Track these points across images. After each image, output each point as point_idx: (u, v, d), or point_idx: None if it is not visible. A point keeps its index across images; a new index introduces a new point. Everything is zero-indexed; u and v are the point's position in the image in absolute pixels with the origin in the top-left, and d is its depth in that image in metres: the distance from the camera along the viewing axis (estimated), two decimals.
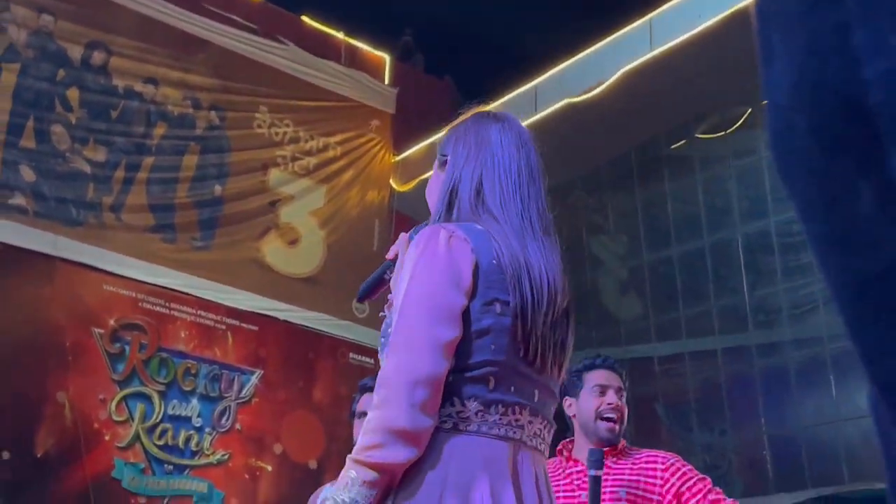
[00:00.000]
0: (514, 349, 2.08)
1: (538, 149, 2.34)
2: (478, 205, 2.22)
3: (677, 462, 3.73)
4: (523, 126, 2.42)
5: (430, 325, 1.99)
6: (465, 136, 2.35)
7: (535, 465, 2.11)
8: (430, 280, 2.04)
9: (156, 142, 10.18)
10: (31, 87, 9.52)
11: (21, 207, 9.25)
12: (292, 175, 11.01)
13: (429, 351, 1.97)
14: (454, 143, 2.35)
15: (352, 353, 10.79)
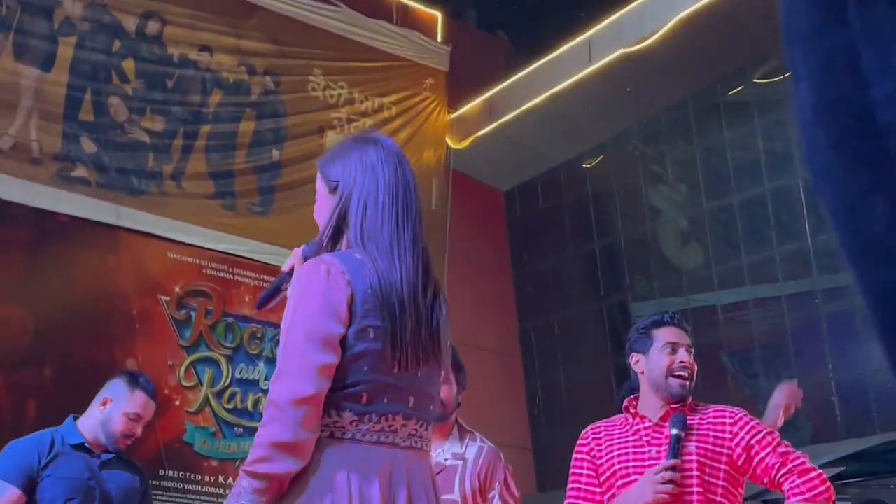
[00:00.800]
0: (387, 367, 2.35)
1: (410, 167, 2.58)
2: (362, 229, 2.43)
3: (745, 416, 3.70)
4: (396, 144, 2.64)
5: (311, 352, 2.25)
6: (350, 160, 2.51)
7: (409, 462, 2.38)
8: (310, 312, 2.29)
9: (212, 109, 10.23)
10: (88, 60, 9.59)
11: (84, 179, 9.36)
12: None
13: (309, 375, 2.23)
14: (342, 169, 2.51)
15: None
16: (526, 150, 11.53)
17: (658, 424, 3.69)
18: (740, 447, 3.61)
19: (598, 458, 3.78)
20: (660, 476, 3.59)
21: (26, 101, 9.21)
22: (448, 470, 3.98)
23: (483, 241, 11.84)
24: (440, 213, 11.37)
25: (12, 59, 9.20)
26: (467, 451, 4.03)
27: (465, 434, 4.10)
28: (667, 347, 3.73)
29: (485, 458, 4.03)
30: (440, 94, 11.71)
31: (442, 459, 4.00)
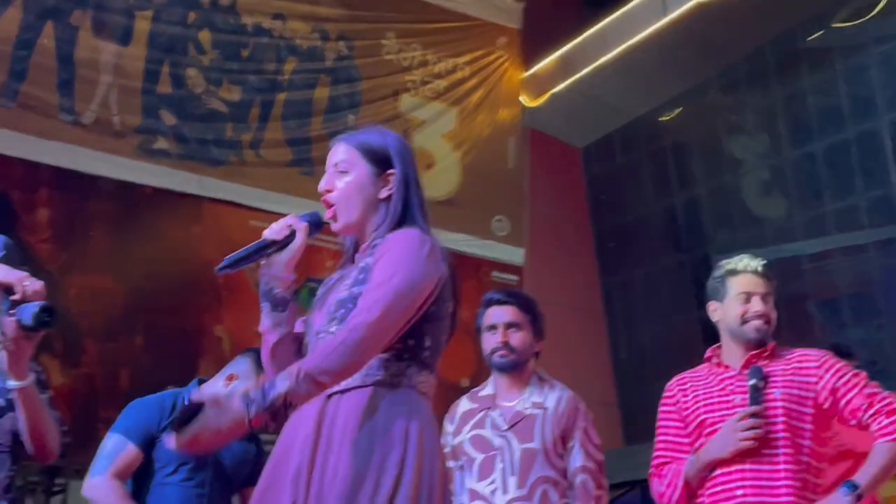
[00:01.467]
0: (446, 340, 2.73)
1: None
2: (422, 209, 2.77)
3: (831, 359, 3.67)
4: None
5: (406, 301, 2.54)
6: (394, 143, 2.83)
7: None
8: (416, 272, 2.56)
9: (287, 77, 10.30)
10: (164, 33, 9.71)
11: (165, 151, 9.50)
12: (423, 99, 11.04)
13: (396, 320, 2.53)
14: (392, 151, 2.80)
15: (494, 271, 10.85)
16: (602, 105, 11.44)
17: (741, 373, 3.68)
18: (826, 390, 3.58)
19: (685, 409, 3.78)
20: (742, 424, 3.57)
21: (106, 76, 9.36)
22: (528, 419, 4.00)
23: (562, 198, 11.80)
24: (518, 172, 11.35)
25: (91, 35, 9.35)
26: (547, 400, 4.04)
27: (545, 383, 4.11)
28: (741, 297, 3.71)
29: (565, 405, 4.04)
30: (514, 52, 11.65)
31: (522, 408, 4.03)
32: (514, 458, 3.97)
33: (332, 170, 2.79)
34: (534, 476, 3.95)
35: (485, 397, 4.15)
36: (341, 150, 2.80)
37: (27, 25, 9.07)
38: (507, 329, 4.05)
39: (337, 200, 2.77)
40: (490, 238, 10.91)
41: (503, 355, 4.04)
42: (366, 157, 2.77)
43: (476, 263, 10.83)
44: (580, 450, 4.00)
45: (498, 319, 4.08)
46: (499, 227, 10.99)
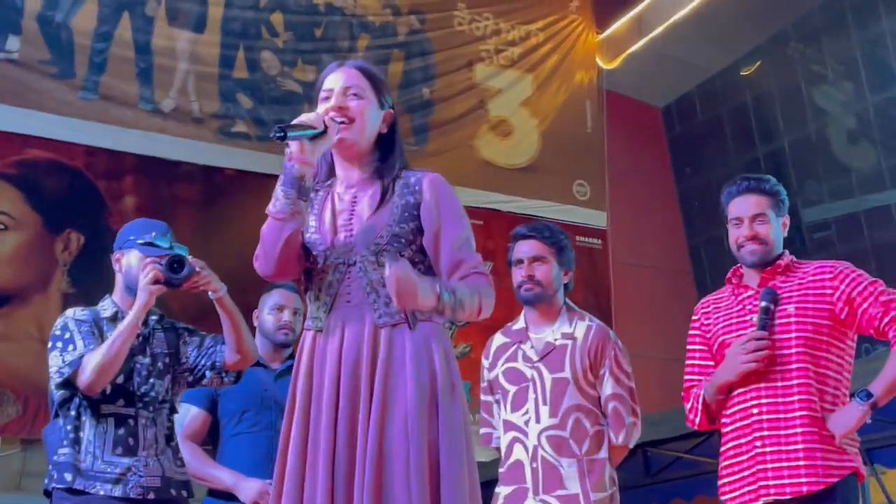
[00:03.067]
0: None
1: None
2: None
3: (846, 269, 3.61)
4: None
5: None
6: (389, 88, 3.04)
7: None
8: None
9: (360, 53, 10.38)
10: (237, 18, 9.86)
11: (244, 134, 9.66)
12: (498, 68, 11.02)
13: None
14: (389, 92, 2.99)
15: (578, 235, 10.79)
16: (679, 63, 11.30)
17: (758, 292, 3.64)
18: (842, 301, 3.52)
19: (708, 332, 3.77)
20: (746, 346, 3.55)
21: (182, 63, 9.55)
22: (558, 349, 4.04)
23: (643, 159, 11.70)
24: (596, 135, 11.28)
25: (166, 25, 9.56)
26: (576, 331, 4.07)
27: (574, 314, 4.14)
28: (732, 222, 3.69)
29: (594, 336, 4.06)
30: (587, 14, 11.55)
31: (552, 339, 4.06)
32: (546, 388, 4.02)
33: (345, 91, 2.88)
34: (565, 405, 3.99)
35: (517, 331, 4.20)
36: (354, 74, 2.90)
37: (104, 18, 9.30)
38: (531, 263, 4.10)
39: (355, 116, 2.85)
40: (572, 203, 10.87)
41: (529, 289, 4.09)
42: (374, 90, 2.91)
43: None
44: (610, 378, 4.03)
45: (523, 254, 4.12)
46: (580, 192, 10.94)
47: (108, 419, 3.70)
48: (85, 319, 3.79)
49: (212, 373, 3.87)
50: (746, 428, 3.58)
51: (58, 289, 8.73)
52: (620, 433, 4.03)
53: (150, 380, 3.78)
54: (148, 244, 3.76)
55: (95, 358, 3.61)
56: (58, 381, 3.66)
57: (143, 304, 3.66)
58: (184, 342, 3.93)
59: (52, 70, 9.07)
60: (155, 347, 3.83)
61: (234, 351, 3.84)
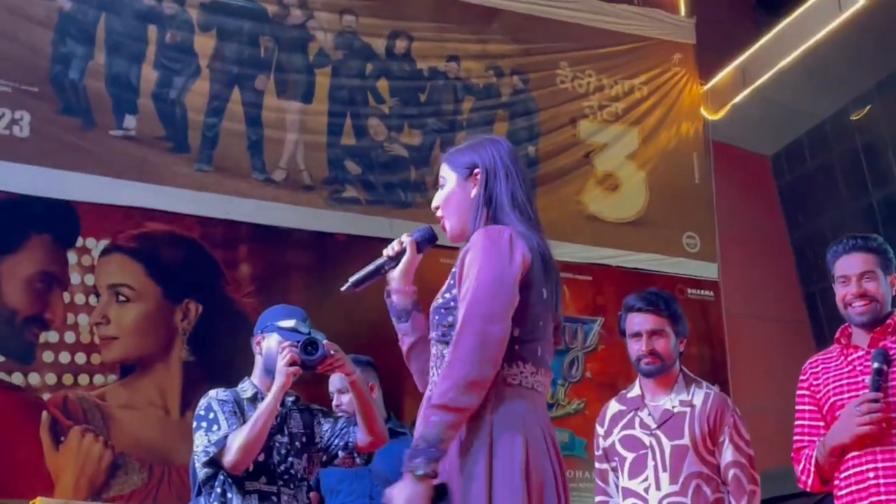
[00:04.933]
0: (546, 324, 2.75)
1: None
2: (512, 198, 2.82)
3: None
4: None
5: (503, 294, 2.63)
6: (480, 147, 2.94)
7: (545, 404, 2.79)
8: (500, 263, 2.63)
9: (465, 116, 10.47)
10: (344, 86, 10.03)
11: (354, 199, 9.79)
12: (602, 123, 11.01)
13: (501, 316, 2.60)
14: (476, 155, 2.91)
15: (689, 288, 10.68)
16: (786, 110, 11.13)
17: (868, 352, 3.56)
18: None
19: (818, 392, 3.71)
20: (860, 409, 3.45)
21: (291, 133, 9.75)
22: (676, 416, 4.04)
23: (754, 208, 11.51)
24: (705, 186, 11.16)
25: (275, 97, 9.76)
26: (694, 398, 4.08)
27: (691, 382, 4.14)
28: (840, 280, 3.61)
29: (713, 403, 4.06)
30: (690, 67, 11.48)
31: (670, 406, 4.06)
32: (665, 455, 4.02)
33: (437, 185, 3.01)
34: (686, 472, 4.00)
35: (633, 398, 4.21)
36: (442, 168, 3.02)
37: (215, 94, 9.55)
38: (650, 337, 4.10)
39: (443, 212, 2.97)
40: (681, 255, 10.75)
41: (649, 363, 4.11)
42: (454, 167, 2.97)
43: (670, 282, 10.66)
44: (730, 445, 4.02)
45: (640, 327, 4.14)
46: (690, 244, 10.83)
47: (252, 496, 3.84)
48: (227, 400, 3.97)
49: (344, 453, 4.00)
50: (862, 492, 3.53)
51: (178, 357, 8.93)
52: (742, 500, 4.00)
53: (289, 458, 3.94)
54: (288, 329, 3.91)
55: (239, 437, 3.77)
56: (204, 459, 3.81)
57: (280, 386, 3.83)
58: (318, 423, 4.07)
59: (168, 145, 9.33)
60: (292, 427, 4.00)
61: (366, 433, 3.99)
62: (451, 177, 2.96)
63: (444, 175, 2.99)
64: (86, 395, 8.48)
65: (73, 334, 8.59)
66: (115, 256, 8.95)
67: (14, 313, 8.48)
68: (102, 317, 8.69)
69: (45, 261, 8.71)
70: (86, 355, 8.53)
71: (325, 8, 10.17)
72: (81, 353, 8.56)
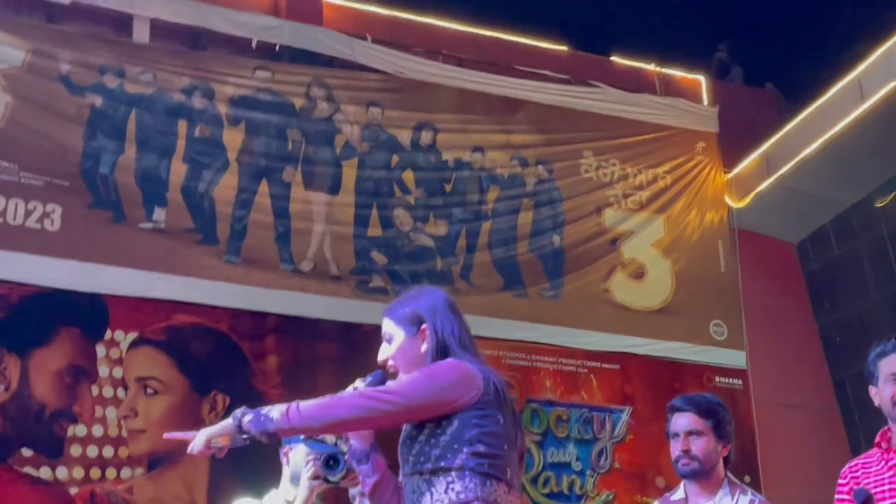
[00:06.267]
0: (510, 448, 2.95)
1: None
2: (459, 344, 3.03)
3: None
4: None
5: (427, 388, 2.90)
6: (421, 302, 3.13)
7: None
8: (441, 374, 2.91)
9: (490, 206, 10.50)
10: (370, 178, 10.09)
11: (381, 289, 9.76)
12: (627, 212, 11.01)
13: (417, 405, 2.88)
14: (420, 310, 3.10)
15: (717, 376, 10.56)
16: (811, 198, 11.09)
17: None
18: None
19: None
20: None
21: (319, 225, 9.78)
22: None
23: (780, 296, 11.42)
24: (730, 274, 11.10)
25: (303, 189, 9.82)
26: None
27: (736, 488, 4.04)
28: (890, 378, 3.54)
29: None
30: (713, 155, 11.50)
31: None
32: None
33: (384, 342, 3.14)
34: None
35: (676, 501, 4.12)
36: (385, 323, 3.15)
37: (243, 186, 9.61)
38: (687, 437, 4.03)
39: (396, 365, 3.10)
40: (709, 343, 10.65)
41: (685, 463, 4.02)
42: (399, 324, 3.11)
43: (698, 370, 10.58)
44: None
45: (679, 427, 4.05)
46: (717, 332, 10.74)
47: None
48: None
49: None
50: None
51: None
52: None
53: None
54: (315, 440, 3.89)
55: None
56: None
57: (304, 499, 3.81)
58: None
59: (197, 237, 9.37)
60: None
61: None
62: (398, 333, 3.10)
63: (389, 331, 3.13)
64: (113, 490, 8.40)
65: (101, 427, 8.53)
66: (143, 349, 8.92)
67: (43, 407, 8.43)
68: (130, 409, 8.64)
69: (74, 354, 8.69)
70: (113, 448, 8.46)
71: (352, 101, 10.26)
72: (109, 447, 8.49)
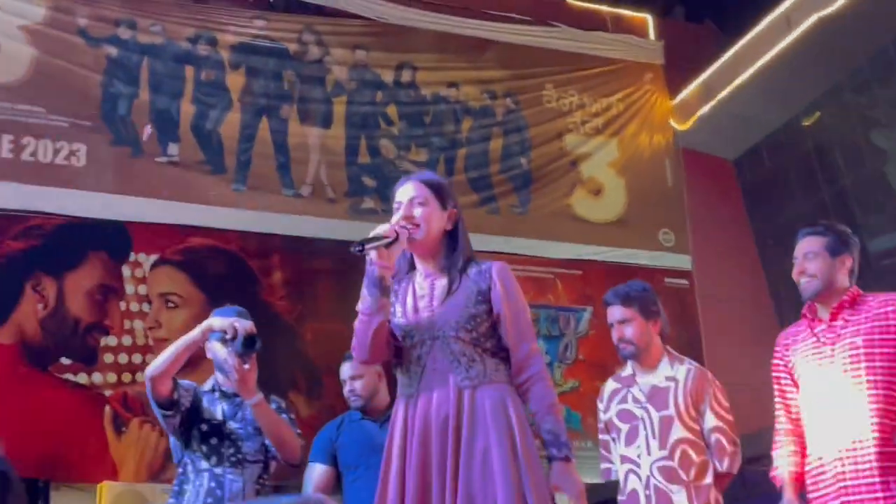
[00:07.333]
0: None
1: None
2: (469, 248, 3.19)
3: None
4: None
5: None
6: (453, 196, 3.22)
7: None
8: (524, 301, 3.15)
9: (465, 135, 10.76)
10: (358, 113, 10.31)
11: (372, 209, 9.91)
12: (585, 136, 11.21)
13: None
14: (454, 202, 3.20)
15: (666, 277, 10.77)
16: (746, 119, 11.37)
17: (830, 324, 3.60)
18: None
19: (789, 362, 3.73)
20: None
21: (314, 155, 9.98)
22: (662, 390, 4.12)
23: (720, 206, 11.74)
24: (677, 189, 11.35)
25: (299, 124, 10.06)
26: (677, 374, 4.16)
27: (674, 359, 4.23)
28: (795, 260, 3.67)
29: (693, 377, 4.15)
30: (660, 84, 11.78)
31: (657, 382, 4.14)
32: (654, 425, 4.10)
33: (411, 202, 3.13)
34: (672, 438, 4.07)
35: (626, 377, 4.31)
36: (418, 187, 3.17)
37: (246, 124, 9.88)
38: (620, 325, 4.20)
39: (421, 222, 3.09)
40: (659, 249, 11.01)
41: (623, 348, 4.22)
42: (436, 195, 3.15)
43: (649, 273, 10.76)
44: (711, 413, 4.10)
45: (612, 318, 4.24)
46: (666, 239, 11.00)
47: (203, 474, 3.84)
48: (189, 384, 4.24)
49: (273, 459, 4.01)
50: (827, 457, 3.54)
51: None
52: (724, 461, 4.09)
53: (239, 443, 3.91)
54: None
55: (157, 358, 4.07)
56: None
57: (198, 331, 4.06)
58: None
59: (208, 168, 9.60)
60: (247, 414, 3.95)
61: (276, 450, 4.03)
62: (432, 201, 3.13)
63: (422, 195, 3.14)
64: (143, 391, 8.49)
65: (130, 338, 8.75)
66: (163, 269, 9.16)
67: (77, 321, 8.65)
68: (155, 321, 8.86)
69: (103, 274, 8.95)
70: (142, 356, 8.65)
71: (340, 45, 10.53)
72: (138, 354, 8.71)
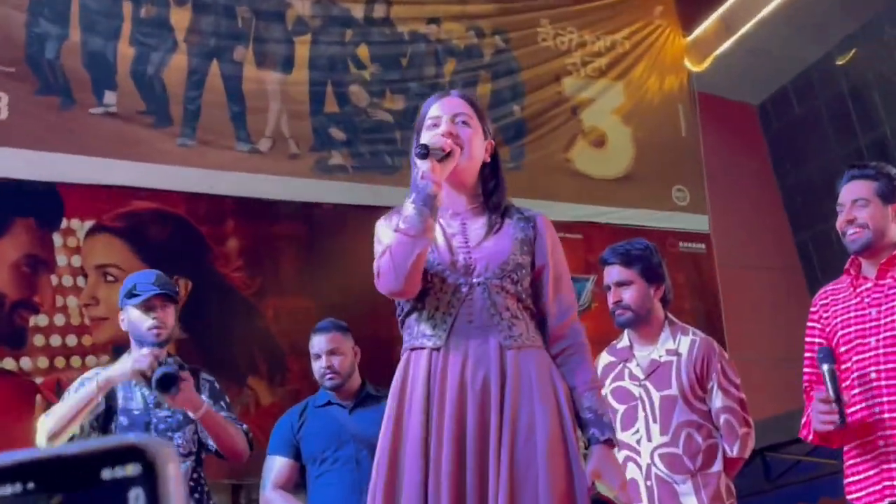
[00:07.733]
0: None
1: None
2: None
3: None
4: None
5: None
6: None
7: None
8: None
9: (448, 79, 10.24)
10: (323, 55, 9.80)
11: (341, 166, 9.60)
12: (586, 79, 10.83)
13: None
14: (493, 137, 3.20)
15: (681, 241, 10.55)
16: (771, 58, 10.93)
17: (877, 283, 3.51)
18: None
19: (827, 325, 3.65)
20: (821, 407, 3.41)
21: (274, 103, 9.52)
22: (663, 366, 4.00)
23: (742, 158, 11.35)
24: (692, 139, 10.98)
25: (255, 68, 9.50)
26: (680, 346, 4.03)
27: (677, 329, 4.09)
28: (840, 207, 3.56)
29: (699, 350, 4.01)
30: (672, 19, 11.26)
31: (657, 356, 4.03)
32: (655, 406, 4.00)
33: (453, 118, 3.05)
34: (676, 421, 3.97)
35: (621, 349, 4.19)
36: (460, 103, 3.11)
37: (194, 68, 9.29)
38: (617, 288, 4.09)
39: (464, 143, 3.02)
40: (671, 209, 10.55)
41: (620, 314, 4.10)
42: (481, 121, 3.12)
43: (661, 236, 10.47)
44: (719, 390, 3.99)
45: (609, 279, 4.13)
46: (679, 198, 10.68)
47: None
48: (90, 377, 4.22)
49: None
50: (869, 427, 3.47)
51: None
52: (735, 445, 3.98)
53: (168, 433, 3.87)
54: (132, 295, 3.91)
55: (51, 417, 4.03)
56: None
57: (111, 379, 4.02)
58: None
59: (150, 120, 9.08)
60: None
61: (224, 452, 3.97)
62: (476, 125, 3.08)
63: (468, 114, 3.09)
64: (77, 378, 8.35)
65: (63, 317, 8.41)
66: (101, 236, 8.73)
67: (2, 298, 8.32)
68: (91, 298, 8.51)
69: (31, 244, 8.49)
70: (77, 337, 8.35)
71: None
72: (72, 336, 8.38)
